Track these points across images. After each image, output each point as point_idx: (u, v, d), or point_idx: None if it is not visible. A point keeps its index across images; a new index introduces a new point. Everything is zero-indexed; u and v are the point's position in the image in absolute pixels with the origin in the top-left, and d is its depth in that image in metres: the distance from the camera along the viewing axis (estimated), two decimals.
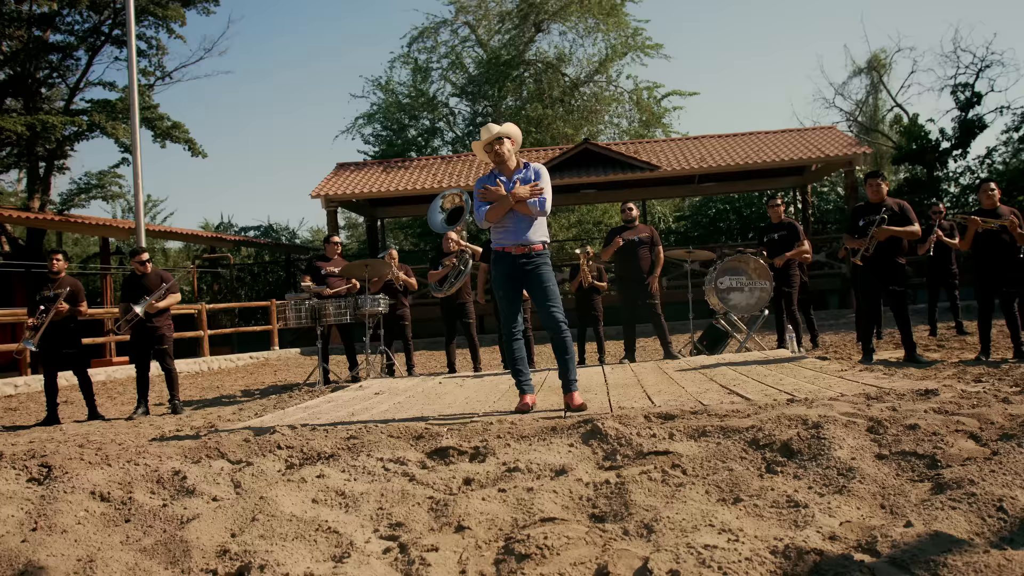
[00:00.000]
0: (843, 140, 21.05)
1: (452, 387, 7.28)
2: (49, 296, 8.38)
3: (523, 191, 5.24)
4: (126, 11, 15.41)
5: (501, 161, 5.39)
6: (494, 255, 5.41)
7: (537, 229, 5.34)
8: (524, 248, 5.28)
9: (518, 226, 5.29)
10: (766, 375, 6.35)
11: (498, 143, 5.39)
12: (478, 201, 5.40)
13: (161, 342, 8.69)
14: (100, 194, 20.92)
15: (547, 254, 5.43)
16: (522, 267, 5.29)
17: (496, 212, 5.28)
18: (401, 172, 21.67)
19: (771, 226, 9.71)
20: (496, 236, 5.40)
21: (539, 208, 5.24)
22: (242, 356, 17.52)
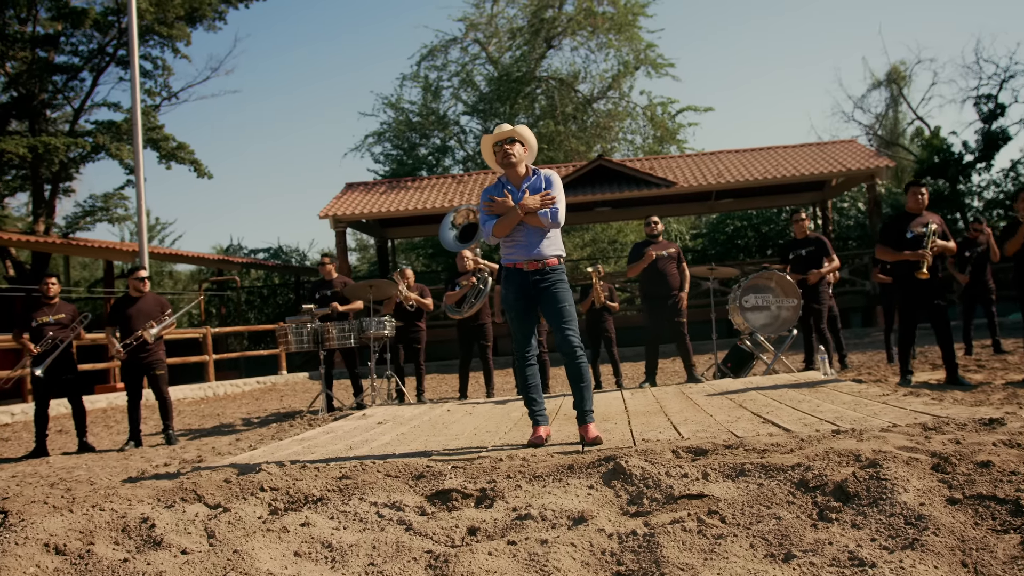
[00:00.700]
0: (864, 153, 20.54)
1: (461, 415, 6.81)
2: (49, 322, 8.05)
3: (533, 201, 4.78)
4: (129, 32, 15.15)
5: (509, 165, 4.90)
6: (504, 272, 4.96)
7: (551, 242, 4.88)
8: (537, 263, 4.81)
9: (529, 239, 4.82)
10: (801, 400, 5.85)
11: (509, 143, 4.91)
12: (484, 214, 4.94)
13: (156, 367, 8.27)
14: (105, 217, 20.65)
15: (562, 270, 4.95)
16: (535, 284, 4.81)
17: (504, 225, 4.79)
18: (411, 191, 21.30)
19: (796, 242, 9.22)
20: (506, 251, 4.91)
21: (552, 219, 4.77)
22: (249, 381, 17.11)
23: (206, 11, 20.07)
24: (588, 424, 4.67)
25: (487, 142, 5.03)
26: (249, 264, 24.06)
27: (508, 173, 4.98)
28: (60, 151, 17.74)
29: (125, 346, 8.04)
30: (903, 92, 28.81)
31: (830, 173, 19.22)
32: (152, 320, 8.12)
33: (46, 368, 7.83)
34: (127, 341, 8.04)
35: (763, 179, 19.21)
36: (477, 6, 28.15)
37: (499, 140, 4.94)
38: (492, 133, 4.97)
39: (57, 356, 7.99)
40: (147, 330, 8.04)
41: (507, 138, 4.93)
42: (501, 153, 4.91)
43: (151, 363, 8.21)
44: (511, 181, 4.98)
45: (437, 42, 27.84)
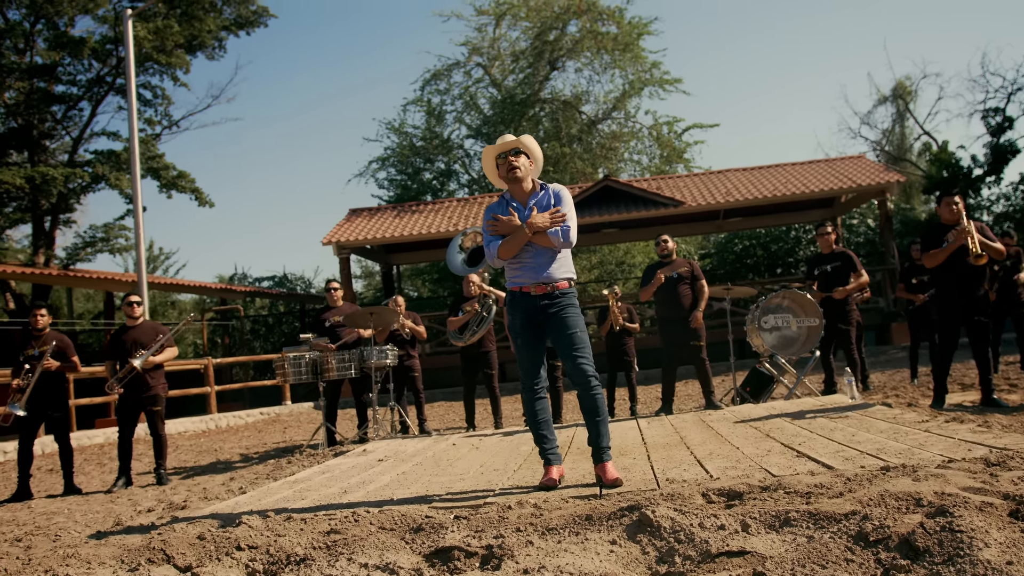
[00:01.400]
0: (873, 169, 20.15)
1: (467, 450, 6.37)
2: (34, 355, 7.63)
3: (542, 219, 4.34)
4: (126, 61, 14.89)
5: (515, 180, 4.47)
6: (509, 296, 4.54)
7: (561, 264, 4.46)
8: (546, 287, 4.39)
9: (537, 261, 4.40)
10: (833, 429, 5.41)
11: (514, 155, 4.46)
12: (488, 234, 4.50)
13: (154, 403, 7.82)
14: (107, 247, 20.35)
15: (573, 294, 4.50)
16: (543, 310, 4.39)
17: (511, 246, 4.37)
18: (416, 216, 20.96)
19: (821, 257, 8.77)
20: (511, 274, 4.49)
21: (563, 238, 4.35)
22: (252, 412, 16.69)
23: (206, 39, 19.87)
24: (606, 463, 4.25)
25: (489, 154, 4.60)
26: (253, 293, 23.71)
27: (512, 189, 4.56)
28: (58, 182, 17.45)
29: (120, 378, 7.61)
30: (909, 107, 28.49)
31: (840, 189, 18.83)
32: (142, 349, 7.70)
33: (25, 403, 7.40)
34: (121, 374, 7.61)
35: (772, 197, 18.82)
36: (479, 30, 28.00)
37: (503, 152, 4.51)
38: (495, 144, 4.56)
39: (46, 390, 7.58)
40: (133, 359, 7.61)
41: (512, 149, 4.49)
42: (505, 166, 4.48)
43: (149, 398, 7.77)
44: (516, 198, 4.55)
45: (440, 66, 27.67)
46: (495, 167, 4.58)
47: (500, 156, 4.52)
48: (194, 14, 19.21)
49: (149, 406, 7.78)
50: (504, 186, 4.61)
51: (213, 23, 19.70)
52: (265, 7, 20.63)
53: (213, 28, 19.76)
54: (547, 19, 25.46)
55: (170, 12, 18.98)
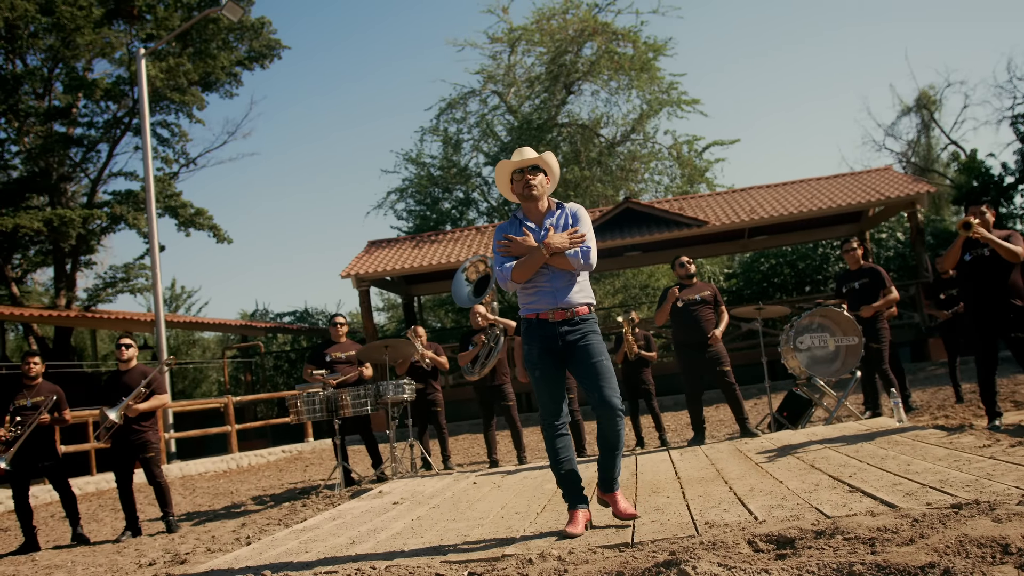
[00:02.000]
0: (902, 180, 19.61)
1: (487, 489, 5.98)
2: (26, 405, 7.27)
3: (560, 239, 4.01)
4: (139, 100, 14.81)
5: (531, 198, 4.16)
6: (525, 325, 4.18)
7: (580, 288, 4.13)
8: (564, 312, 4.04)
9: (555, 285, 4.07)
10: (885, 457, 4.96)
11: (531, 172, 4.15)
12: (499, 256, 4.15)
13: (145, 450, 7.31)
14: (127, 287, 20.25)
15: (594, 320, 4.17)
16: (563, 337, 4.04)
17: (525, 269, 4.03)
18: (435, 246, 20.67)
19: (849, 273, 8.34)
20: (526, 300, 4.15)
21: (583, 260, 4.03)
22: (274, 451, 16.35)
23: (220, 75, 19.84)
24: (616, 492, 4.06)
25: (504, 168, 4.28)
26: (274, 328, 23.48)
27: (527, 207, 4.25)
28: (76, 223, 17.37)
29: (107, 429, 7.18)
30: (934, 117, 27.91)
31: (868, 203, 18.30)
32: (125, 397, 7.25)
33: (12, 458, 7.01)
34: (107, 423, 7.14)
35: (798, 213, 18.32)
36: (494, 57, 27.85)
37: (519, 167, 4.19)
38: (510, 159, 4.23)
39: (33, 440, 7.20)
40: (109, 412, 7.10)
41: (530, 165, 4.18)
42: (522, 183, 4.17)
43: (139, 446, 7.29)
44: (530, 217, 4.24)
45: (455, 95, 27.48)
46: (509, 182, 4.28)
47: (517, 171, 4.21)
48: (207, 51, 19.21)
49: (141, 454, 7.32)
50: (516, 201, 4.31)
51: (227, 59, 19.68)
52: (278, 40, 20.62)
53: (227, 64, 19.73)
54: (561, 42, 25.26)
55: (183, 51, 18.99)
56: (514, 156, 4.20)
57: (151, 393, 7.36)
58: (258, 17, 19.81)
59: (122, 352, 7.43)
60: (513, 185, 4.25)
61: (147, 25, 18.81)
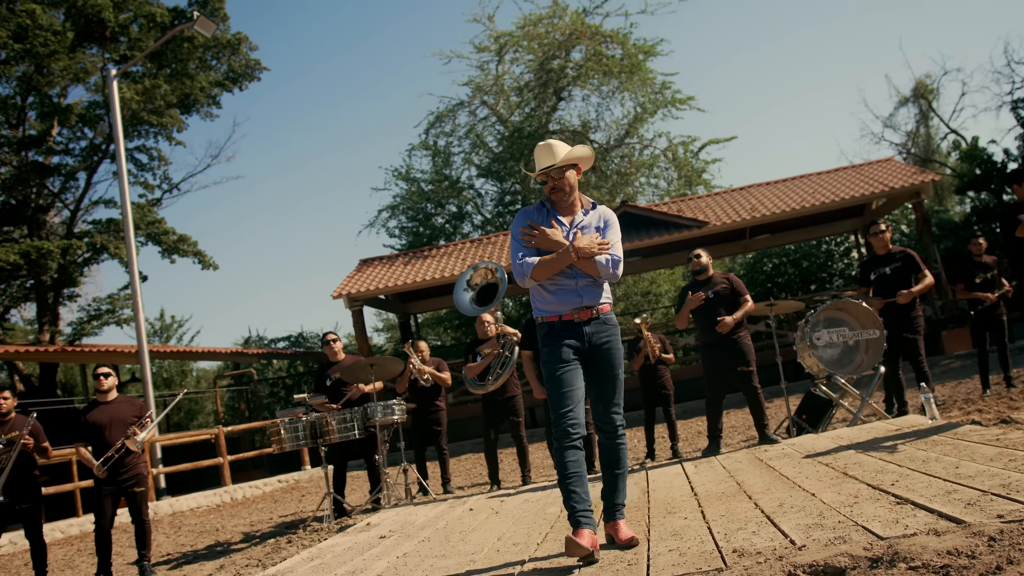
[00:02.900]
0: (905, 170, 19.09)
1: (484, 516, 5.40)
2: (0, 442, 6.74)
3: (590, 244, 3.73)
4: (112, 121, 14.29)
5: (562, 197, 3.90)
6: (546, 329, 3.82)
7: (604, 289, 3.90)
8: (590, 311, 3.78)
9: (579, 283, 3.81)
10: (927, 460, 4.39)
11: (557, 175, 3.88)
12: (519, 244, 3.83)
13: (137, 484, 6.82)
14: (112, 319, 19.67)
15: (616, 322, 3.90)
16: (590, 338, 3.76)
17: (550, 267, 3.75)
18: (428, 261, 20.11)
19: (877, 259, 7.72)
20: (546, 300, 3.83)
21: (611, 270, 3.79)
22: (270, 481, 15.73)
23: (199, 96, 19.33)
24: (619, 521, 3.73)
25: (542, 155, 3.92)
26: (267, 354, 22.88)
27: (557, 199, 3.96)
28: (55, 255, 16.80)
29: (106, 460, 6.66)
30: (932, 106, 27.38)
31: (872, 194, 17.77)
32: (134, 427, 6.77)
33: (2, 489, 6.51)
34: (109, 454, 6.65)
35: (801, 209, 17.78)
36: (481, 68, 27.39)
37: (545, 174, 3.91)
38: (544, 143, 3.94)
39: (13, 479, 6.67)
40: (131, 438, 6.67)
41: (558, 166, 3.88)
42: (549, 187, 3.92)
43: (131, 479, 6.79)
44: (561, 211, 3.94)
45: (443, 108, 27.03)
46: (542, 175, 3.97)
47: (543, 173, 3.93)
48: (185, 72, 18.71)
49: (132, 488, 6.80)
50: None
51: (205, 80, 19.19)
52: (257, 60, 20.16)
53: (205, 85, 19.23)
54: (549, 47, 24.78)
55: (159, 72, 18.50)
56: (540, 156, 3.92)
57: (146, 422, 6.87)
58: (235, 33, 19.33)
59: (101, 382, 6.89)
60: (543, 187, 3.98)
61: (120, 47, 18.31)
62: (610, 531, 3.71)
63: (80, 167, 19.66)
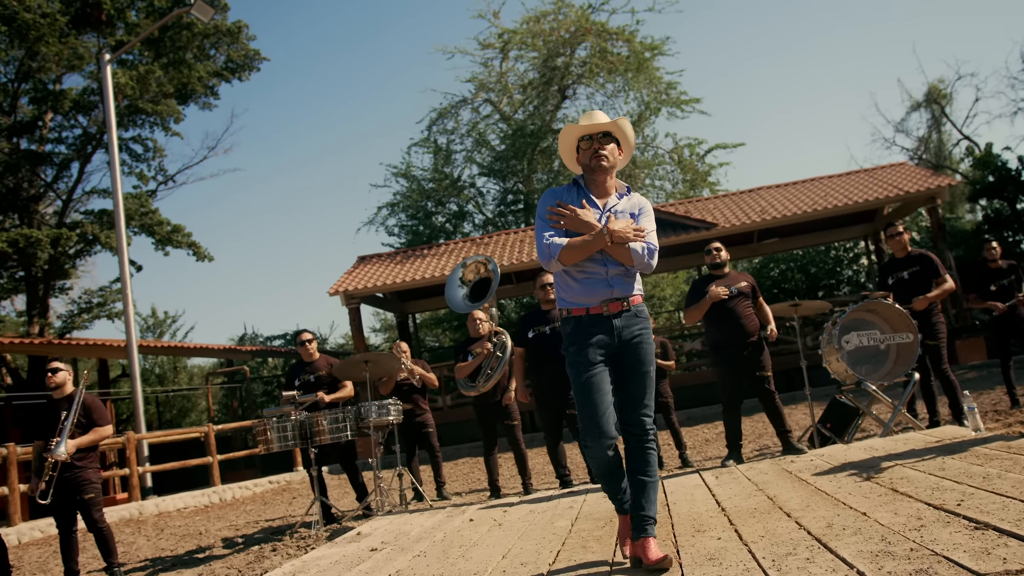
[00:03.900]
0: (919, 174, 18.62)
1: (487, 528, 4.90)
2: None
3: (626, 228, 3.37)
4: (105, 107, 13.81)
5: (599, 169, 3.49)
6: (572, 324, 3.48)
7: (636, 278, 3.53)
8: (621, 303, 3.43)
9: (609, 270, 3.44)
10: (986, 476, 3.89)
11: (601, 140, 3.50)
12: (546, 224, 3.45)
13: (83, 491, 6.20)
14: (104, 312, 19.13)
15: (648, 315, 3.55)
16: (619, 333, 3.41)
17: (581, 251, 3.37)
18: (427, 260, 19.61)
19: (895, 262, 7.27)
20: (572, 289, 3.47)
21: (647, 259, 3.41)
22: (260, 482, 15.23)
23: (196, 86, 18.84)
24: (648, 539, 3.26)
25: (571, 133, 3.60)
26: (261, 352, 22.33)
27: (592, 179, 3.58)
28: (44, 244, 16.27)
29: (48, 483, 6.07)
30: (945, 111, 26.90)
31: (886, 199, 17.29)
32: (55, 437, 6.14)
33: None
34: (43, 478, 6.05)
35: (812, 212, 17.31)
36: (485, 64, 26.90)
37: (588, 133, 3.53)
38: (577, 124, 3.59)
39: None
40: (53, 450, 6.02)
41: (600, 132, 3.52)
42: (589, 152, 3.52)
43: (76, 486, 6.18)
44: (594, 191, 3.57)
45: (446, 104, 26.53)
46: (574, 150, 3.63)
47: (584, 138, 3.55)
48: (182, 60, 18.22)
49: (78, 495, 6.21)
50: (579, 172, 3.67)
51: (203, 70, 18.69)
52: (256, 50, 19.68)
53: (204, 75, 18.74)
54: (554, 44, 24.29)
55: (156, 60, 17.99)
56: (582, 120, 3.58)
57: (89, 424, 6.28)
58: (234, 22, 18.85)
59: (50, 378, 6.34)
60: (579, 155, 3.60)
61: (117, 33, 17.82)
62: (637, 551, 3.27)
63: (74, 156, 19.17)
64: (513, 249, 18.89)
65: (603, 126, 3.51)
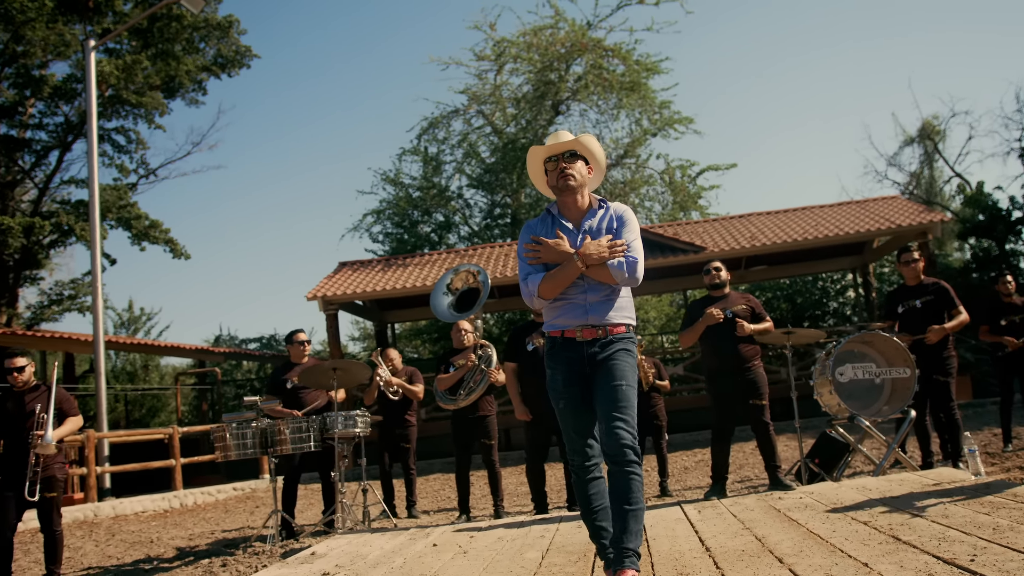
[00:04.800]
0: (911, 208, 18.44)
1: (450, 556, 4.52)
2: None
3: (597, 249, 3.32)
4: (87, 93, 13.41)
5: (566, 190, 3.45)
6: (549, 345, 3.51)
7: (620, 304, 3.45)
8: (595, 331, 3.37)
9: (588, 297, 3.39)
10: (996, 527, 3.56)
11: (567, 160, 3.45)
12: (526, 264, 3.44)
13: (50, 488, 5.90)
14: (74, 306, 18.62)
15: (632, 340, 3.46)
16: (591, 360, 3.36)
17: (556, 283, 3.36)
18: (411, 268, 19.19)
19: (906, 289, 6.94)
20: (551, 314, 3.47)
21: (627, 274, 3.35)
22: (225, 488, 14.79)
23: (184, 80, 18.45)
24: (626, 571, 3.10)
25: (536, 156, 3.61)
26: (237, 355, 21.85)
27: (563, 202, 3.55)
28: (16, 232, 15.78)
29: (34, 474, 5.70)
30: (938, 147, 26.84)
31: (878, 231, 17.08)
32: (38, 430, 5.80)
33: None
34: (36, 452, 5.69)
35: (803, 240, 17.07)
36: (480, 77, 26.60)
37: (553, 154, 3.50)
38: (544, 144, 3.58)
39: None
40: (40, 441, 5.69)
41: (567, 151, 3.48)
42: (556, 173, 3.48)
43: (45, 480, 5.84)
44: (567, 214, 3.55)
45: (438, 114, 26.16)
46: (543, 172, 3.59)
47: (551, 159, 3.51)
48: (171, 53, 17.84)
49: (44, 493, 5.86)
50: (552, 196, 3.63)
51: (192, 63, 18.31)
52: (248, 46, 19.31)
53: (192, 69, 18.36)
54: (550, 58, 24.03)
55: (143, 51, 17.61)
56: (548, 140, 3.55)
57: (61, 416, 5.91)
58: (225, 16, 18.50)
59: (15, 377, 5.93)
60: (547, 176, 3.55)
61: (104, 20, 17.44)
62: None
63: (54, 144, 18.70)
64: (498, 263, 18.54)
65: (566, 145, 3.46)
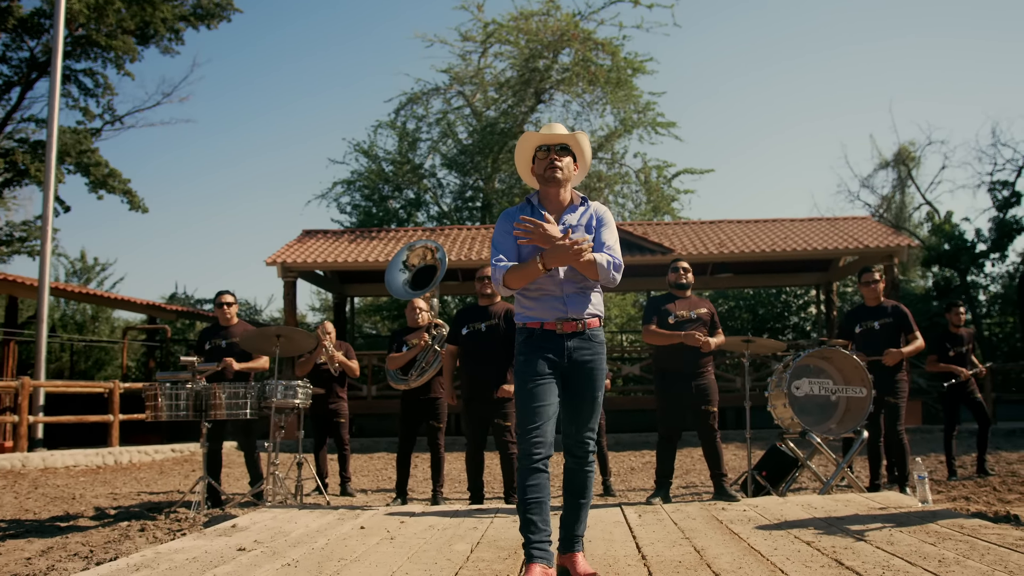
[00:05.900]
0: (880, 231, 18.49)
1: (376, 541, 4.30)
2: None
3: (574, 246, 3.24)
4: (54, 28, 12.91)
5: (552, 181, 3.48)
6: (525, 335, 3.45)
7: (595, 298, 3.49)
8: (575, 324, 3.39)
9: (565, 289, 3.41)
10: (943, 560, 3.42)
11: (558, 153, 3.48)
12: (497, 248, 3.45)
13: None
14: (24, 248, 18.02)
15: (603, 338, 3.50)
16: (571, 355, 3.38)
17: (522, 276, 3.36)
18: (377, 243, 18.84)
19: (865, 310, 6.87)
20: (527, 305, 3.46)
21: (611, 272, 3.37)
22: (163, 448, 14.41)
23: (159, 27, 17.86)
24: (576, 553, 3.39)
25: (528, 142, 3.59)
26: (193, 315, 21.35)
27: (546, 192, 3.55)
28: None
29: None
30: (912, 174, 27.03)
31: (845, 250, 17.10)
32: None
33: None
34: None
35: (771, 252, 17.05)
36: (464, 57, 26.22)
37: (546, 144, 3.51)
38: (538, 131, 3.58)
39: None
40: None
41: (560, 144, 3.51)
42: (545, 162, 3.50)
43: None
44: (548, 206, 3.53)
45: (418, 90, 25.74)
46: (531, 159, 3.60)
47: (542, 148, 3.53)
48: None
49: None
50: (535, 184, 3.63)
51: (169, 11, 17.76)
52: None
53: (169, 17, 17.80)
54: (537, 44, 23.75)
55: None
56: (543, 129, 3.56)
57: None
58: None
59: None
60: (534, 164, 3.57)
61: None
62: (566, 563, 3.37)
63: (16, 81, 18.04)
64: (464, 245, 18.29)
65: (561, 138, 3.49)
